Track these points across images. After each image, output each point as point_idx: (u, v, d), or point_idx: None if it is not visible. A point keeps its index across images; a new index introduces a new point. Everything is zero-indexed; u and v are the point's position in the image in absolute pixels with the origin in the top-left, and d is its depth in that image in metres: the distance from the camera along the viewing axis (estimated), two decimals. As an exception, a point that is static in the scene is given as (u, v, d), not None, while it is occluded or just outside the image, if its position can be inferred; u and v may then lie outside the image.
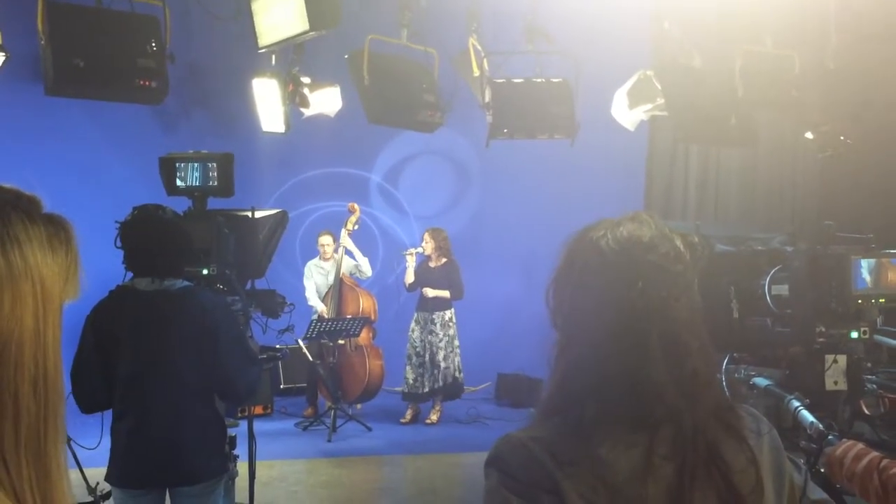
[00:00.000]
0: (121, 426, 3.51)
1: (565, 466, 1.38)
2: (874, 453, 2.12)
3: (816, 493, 1.58)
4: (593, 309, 1.46)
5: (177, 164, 4.47)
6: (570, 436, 1.41)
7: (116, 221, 3.59)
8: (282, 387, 10.05)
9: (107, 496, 6.40)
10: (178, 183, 4.47)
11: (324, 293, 9.38)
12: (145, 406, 3.47)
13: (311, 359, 8.82)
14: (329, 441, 8.35)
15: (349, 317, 9.00)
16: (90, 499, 6.38)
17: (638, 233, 1.51)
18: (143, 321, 3.48)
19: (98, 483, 6.36)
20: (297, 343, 8.60)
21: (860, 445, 2.18)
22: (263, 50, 6.08)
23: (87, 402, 3.51)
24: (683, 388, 1.43)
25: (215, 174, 4.43)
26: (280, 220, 4.88)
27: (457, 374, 9.12)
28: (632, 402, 1.41)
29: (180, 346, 3.50)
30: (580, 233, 1.57)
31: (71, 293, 1.06)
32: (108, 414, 3.65)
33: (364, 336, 9.13)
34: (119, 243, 3.55)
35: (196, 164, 4.42)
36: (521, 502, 1.39)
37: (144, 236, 3.53)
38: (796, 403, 2.66)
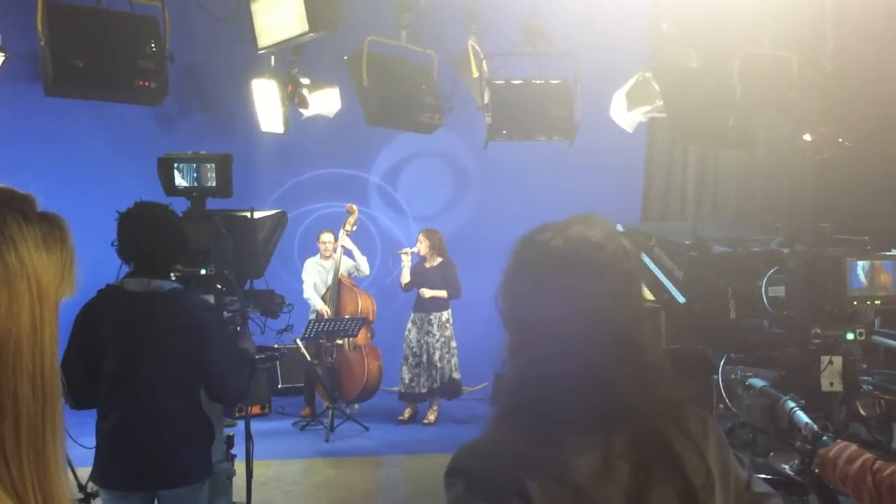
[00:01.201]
0: (104, 426, 3.50)
1: (529, 468, 1.39)
2: (867, 455, 2.12)
3: (760, 486, 1.62)
4: (547, 310, 1.46)
5: (175, 165, 4.48)
6: (530, 438, 1.42)
7: (117, 211, 3.61)
8: (279, 387, 10.05)
9: (97, 494, 6.44)
10: (177, 183, 4.48)
11: (322, 292, 9.39)
12: (128, 406, 3.46)
13: (308, 359, 8.83)
14: (327, 441, 8.36)
15: (347, 317, 9.01)
16: (80, 496, 6.43)
17: (587, 233, 1.52)
18: (129, 321, 3.47)
19: (89, 482, 6.41)
20: (295, 343, 8.61)
21: (853, 447, 2.18)
22: (263, 51, 6.09)
23: (76, 401, 3.52)
24: (638, 387, 1.45)
25: (214, 175, 4.44)
26: (279, 221, 4.90)
27: (454, 374, 9.13)
28: (588, 402, 1.42)
29: (165, 348, 3.48)
30: (528, 236, 1.57)
31: (67, 291, 1.07)
32: None
33: (362, 336, 9.14)
34: (115, 240, 3.56)
35: (194, 165, 4.43)
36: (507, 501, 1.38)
37: (138, 227, 3.53)
38: (792, 404, 2.68)
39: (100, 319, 3.50)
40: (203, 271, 4.13)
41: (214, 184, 4.44)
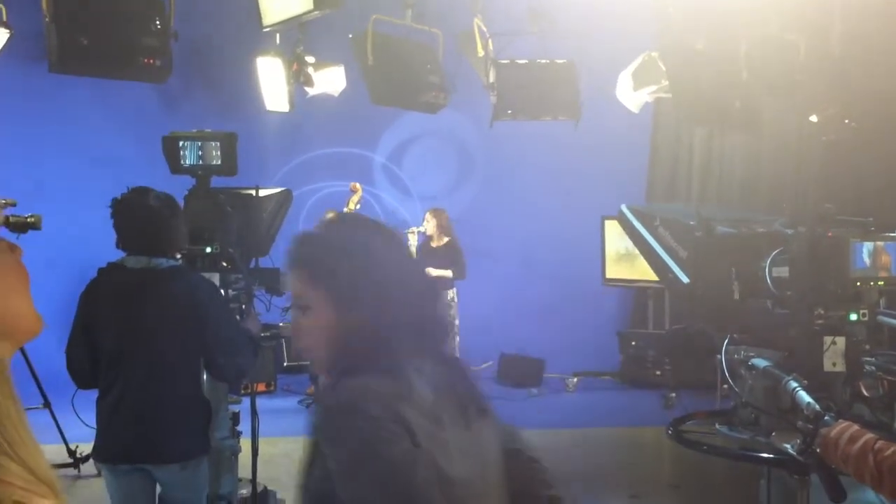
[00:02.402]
0: (104, 402, 3.51)
1: (400, 400, 1.65)
2: (869, 435, 2.11)
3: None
4: (385, 273, 1.76)
5: (180, 143, 4.48)
6: (389, 375, 1.68)
7: (112, 198, 3.60)
8: (285, 364, 10.09)
9: (85, 459, 6.57)
10: (182, 162, 4.48)
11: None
12: (126, 383, 3.46)
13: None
14: (331, 419, 8.39)
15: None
16: (70, 461, 6.59)
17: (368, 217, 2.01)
18: (127, 298, 3.47)
19: (77, 446, 6.50)
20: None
21: (855, 427, 2.18)
22: (268, 29, 6.07)
23: (80, 379, 3.54)
24: (442, 324, 2.01)
25: (218, 153, 4.44)
26: (284, 199, 4.90)
27: (456, 353, 9.14)
28: (422, 338, 1.80)
29: (163, 325, 3.47)
30: (336, 236, 1.92)
31: None
32: None
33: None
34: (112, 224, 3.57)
35: (199, 143, 4.43)
36: (398, 430, 1.61)
37: (130, 216, 3.53)
38: (794, 384, 2.68)
39: (99, 298, 3.51)
40: (208, 249, 4.14)
41: (219, 162, 4.45)
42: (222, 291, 4.19)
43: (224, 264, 4.26)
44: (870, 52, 7.32)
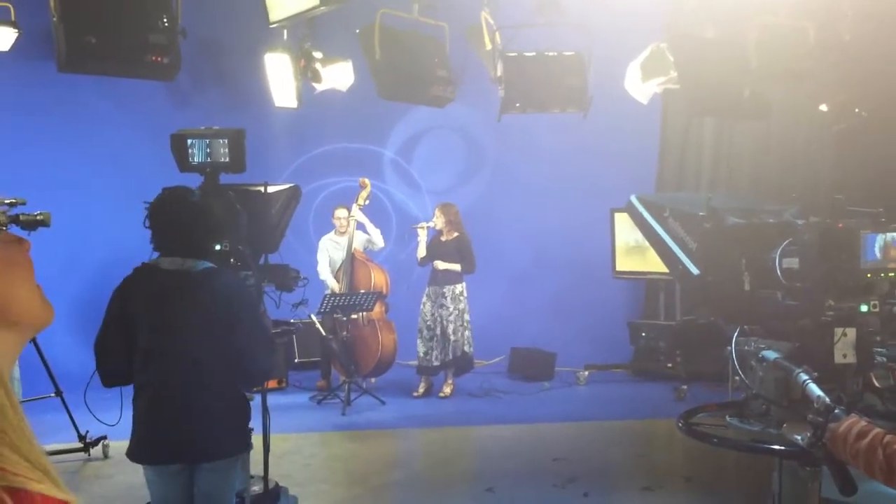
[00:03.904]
0: (140, 402, 3.55)
1: None
2: (877, 430, 2.10)
3: None
4: None
5: (189, 141, 4.48)
6: None
7: (144, 202, 3.62)
8: (296, 361, 10.13)
9: (95, 443, 6.68)
10: (191, 159, 4.49)
11: (338, 267, 9.42)
12: (163, 382, 3.50)
13: (323, 333, 8.87)
14: (343, 414, 8.42)
15: (362, 291, 9.03)
16: (80, 445, 6.73)
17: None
18: (164, 299, 3.51)
19: (87, 431, 6.58)
20: (310, 318, 8.65)
21: (863, 422, 2.16)
22: (275, 25, 6.07)
23: (108, 377, 3.55)
24: None
25: (227, 150, 4.45)
26: (293, 195, 4.91)
27: (466, 347, 9.16)
28: None
29: (199, 325, 3.51)
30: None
31: None
32: (127, 390, 3.69)
33: (377, 310, 9.17)
34: (147, 223, 3.58)
35: (207, 141, 4.43)
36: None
37: (172, 217, 3.55)
38: (804, 377, 2.67)
39: (134, 296, 3.53)
40: (217, 247, 4.15)
41: (227, 159, 4.45)
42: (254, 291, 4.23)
43: (233, 261, 4.27)
44: (880, 40, 7.27)
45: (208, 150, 4.46)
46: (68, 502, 1.02)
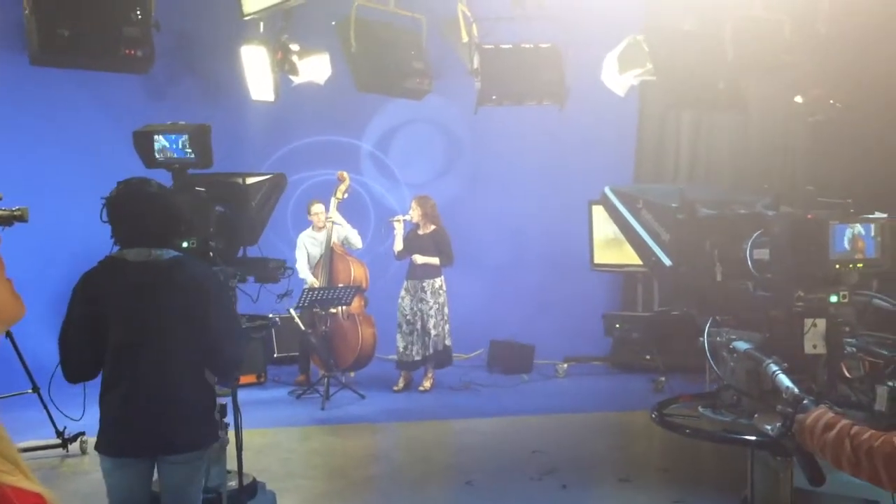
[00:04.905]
0: (111, 396, 3.51)
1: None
2: (844, 421, 2.10)
3: None
4: None
5: (154, 137, 4.43)
6: None
7: (102, 198, 3.57)
8: (275, 356, 10.10)
9: (74, 439, 6.67)
10: (157, 156, 4.44)
11: (317, 262, 9.39)
12: (135, 376, 3.47)
13: (303, 328, 8.85)
14: (322, 409, 8.40)
15: (341, 285, 9.01)
16: (58, 441, 6.71)
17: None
18: (133, 292, 3.48)
19: (66, 427, 6.56)
20: (289, 312, 8.62)
21: (830, 414, 2.17)
22: (249, 17, 6.04)
23: (74, 372, 3.51)
24: None
25: (190, 146, 4.39)
26: (276, 184, 4.83)
27: (447, 341, 9.16)
28: None
29: (170, 316, 3.50)
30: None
31: None
32: (91, 385, 3.65)
33: (356, 304, 9.15)
34: (105, 218, 3.54)
35: (172, 137, 4.37)
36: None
37: (130, 210, 3.51)
38: (774, 368, 2.68)
39: (102, 291, 3.49)
40: (185, 244, 4.11)
41: (192, 155, 4.40)
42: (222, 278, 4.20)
43: (202, 258, 4.22)
44: (856, 33, 7.32)
45: (174, 146, 4.41)
46: (40, 494, 1.01)
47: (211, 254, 4.35)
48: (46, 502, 1.01)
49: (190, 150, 4.36)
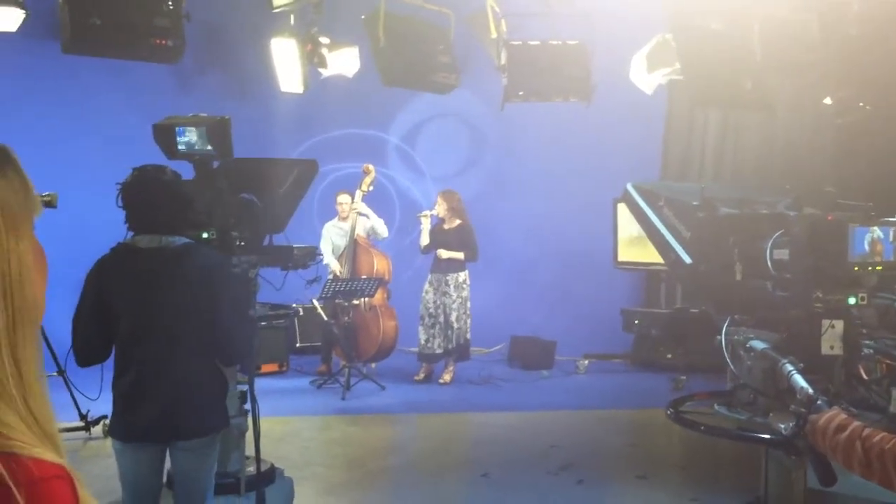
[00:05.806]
0: (122, 381, 3.55)
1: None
2: (856, 423, 2.10)
3: None
4: None
5: (176, 129, 4.46)
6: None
7: (117, 183, 3.62)
8: (297, 345, 10.17)
9: (96, 422, 6.75)
10: (179, 147, 4.48)
11: (341, 253, 9.45)
12: (145, 361, 3.50)
13: (325, 318, 8.91)
14: (343, 399, 8.46)
15: (364, 277, 9.06)
16: (82, 424, 6.80)
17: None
18: (143, 278, 3.51)
19: (89, 410, 6.64)
20: (312, 303, 8.68)
21: (842, 415, 2.17)
22: (278, 9, 6.10)
23: (84, 356, 3.56)
24: None
25: (206, 138, 4.42)
26: (307, 170, 4.84)
27: (467, 335, 9.20)
28: None
29: (180, 303, 3.52)
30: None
31: (33, 209, 1.18)
32: (108, 366, 3.71)
33: (378, 296, 9.20)
34: (120, 203, 3.59)
35: (193, 129, 4.40)
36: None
37: (143, 196, 3.56)
38: (790, 367, 2.70)
39: (114, 277, 3.54)
40: (205, 235, 4.14)
41: (213, 147, 4.43)
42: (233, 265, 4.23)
43: (221, 249, 4.25)
44: (886, 34, 7.25)
45: (195, 138, 4.44)
46: (62, 465, 1.04)
47: (236, 242, 4.38)
48: (67, 473, 1.05)
49: (209, 143, 4.39)
